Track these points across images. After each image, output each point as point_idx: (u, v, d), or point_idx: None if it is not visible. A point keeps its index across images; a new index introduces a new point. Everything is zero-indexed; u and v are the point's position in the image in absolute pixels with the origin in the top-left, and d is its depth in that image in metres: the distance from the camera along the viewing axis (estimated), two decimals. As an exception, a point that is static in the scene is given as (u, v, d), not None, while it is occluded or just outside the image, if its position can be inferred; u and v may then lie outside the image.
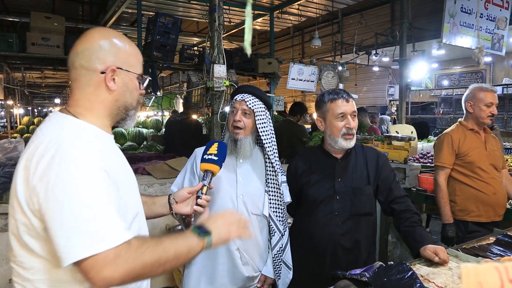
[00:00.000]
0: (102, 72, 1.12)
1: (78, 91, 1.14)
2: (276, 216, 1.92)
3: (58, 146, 1.01)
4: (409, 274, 1.48)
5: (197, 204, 1.50)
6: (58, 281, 1.05)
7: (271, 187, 1.92)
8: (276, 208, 1.92)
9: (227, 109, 2.98)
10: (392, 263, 1.56)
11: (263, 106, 1.92)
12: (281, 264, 1.94)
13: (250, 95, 1.90)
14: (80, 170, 0.99)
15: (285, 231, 1.95)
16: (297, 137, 5.30)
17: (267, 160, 1.93)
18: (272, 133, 1.93)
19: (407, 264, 1.54)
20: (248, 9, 0.65)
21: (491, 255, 1.80)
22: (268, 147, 1.89)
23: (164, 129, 5.20)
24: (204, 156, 1.58)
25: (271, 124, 1.95)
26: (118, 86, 1.15)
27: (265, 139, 1.89)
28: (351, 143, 1.97)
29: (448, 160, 2.79)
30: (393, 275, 1.48)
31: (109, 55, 1.13)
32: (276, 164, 1.92)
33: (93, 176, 1.01)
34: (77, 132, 1.08)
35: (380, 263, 1.59)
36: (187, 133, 5.21)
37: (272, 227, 1.92)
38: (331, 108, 1.98)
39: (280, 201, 1.93)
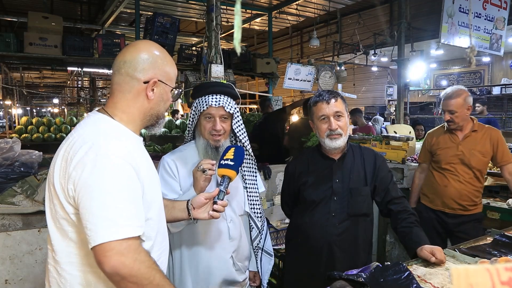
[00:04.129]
0: (145, 82, 1.24)
1: (119, 95, 1.24)
2: (254, 212, 1.92)
3: (94, 140, 1.12)
4: (406, 274, 1.47)
5: (213, 210, 1.50)
6: (85, 265, 1.15)
7: (248, 183, 1.91)
8: (253, 204, 1.92)
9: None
10: (389, 263, 1.56)
11: (234, 102, 1.82)
12: (261, 253, 1.96)
13: (224, 97, 1.77)
14: (114, 164, 1.10)
15: (263, 226, 1.96)
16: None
17: (245, 155, 1.85)
18: (243, 125, 1.88)
19: (404, 264, 1.54)
20: (238, 7, 0.64)
21: (488, 256, 1.79)
22: (246, 141, 1.86)
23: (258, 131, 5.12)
24: (221, 162, 1.56)
25: (241, 117, 1.88)
26: (156, 96, 1.27)
27: (243, 138, 1.85)
28: (338, 143, 1.97)
29: (422, 157, 3.18)
30: (390, 276, 1.48)
31: (153, 68, 1.25)
32: (253, 155, 1.90)
33: (123, 171, 1.11)
34: (111, 130, 1.19)
35: (377, 263, 1.59)
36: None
37: (251, 224, 1.93)
38: (314, 111, 2.01)
39: (256, 195, 1.93)
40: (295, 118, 11.53)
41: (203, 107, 1.74)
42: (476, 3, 5.73)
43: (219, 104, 1.73)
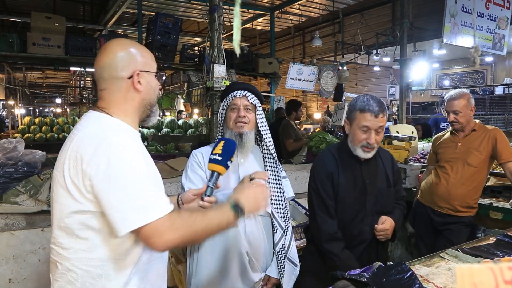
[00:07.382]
0: (129, 77, 1.28)
1: (110, 96, 1.29)
2: (278, 212, 1.90)
3: (102, 135, 1.17)
4: (408, 274, 1.47)
5: (200, 206, 1.49)
6: (93, 260, 1.20)
7: (272, 183, 1.90)
8: (277, 204, 1.91)
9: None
10: (392, 263, 1.56)
11: (259, 101, 1.93)
12: (284, 261, 1.91)
13: (248, 91, 1.89)
14: (127, 153, 1.16)
15: (287, 227, 1.93)
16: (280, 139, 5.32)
17: (268, 155, 1.91)
18: (268, 127, 1.93)
19: (406, 264, 1.53)
20: (237, 9, 0.65)
21: (491, 256, 1.79)
22: (269, 141, 1.89)
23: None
24: (211, 156, 1.55)
25: (264, 115, 1.96)
26: (144, 86, 1.31)
27: (265, 134, 1.89)
28: (368, 155, 1.95)
29: (429, 159, 3.26)
30: (392, 276, 1.48)
31: (131, 62, 1.29)
32: (277, 158, 1.91)
33: (138, 158, 1.18)
34: (115, 125, 1.25)
35: (380, 263, 1.59)
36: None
37: (274, 224, 1.90)
38: (358, 118, 1.91)
39: (281, 197, 1.91)
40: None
41: (229, 100, 1.90)
42: (479, 3, 5.72)
43: (242, 94, 1.87)
